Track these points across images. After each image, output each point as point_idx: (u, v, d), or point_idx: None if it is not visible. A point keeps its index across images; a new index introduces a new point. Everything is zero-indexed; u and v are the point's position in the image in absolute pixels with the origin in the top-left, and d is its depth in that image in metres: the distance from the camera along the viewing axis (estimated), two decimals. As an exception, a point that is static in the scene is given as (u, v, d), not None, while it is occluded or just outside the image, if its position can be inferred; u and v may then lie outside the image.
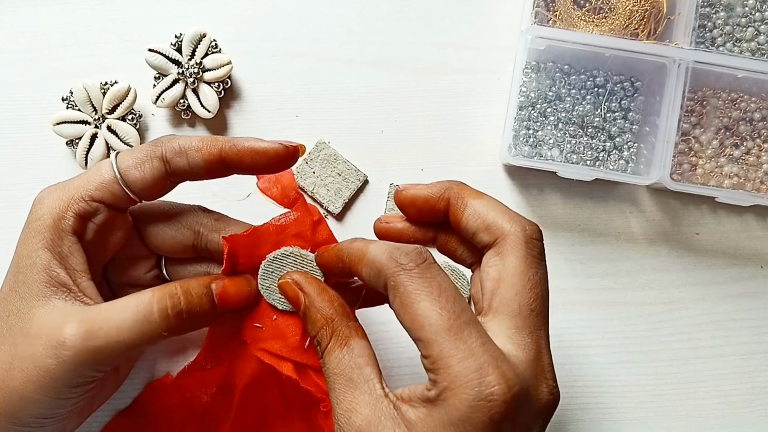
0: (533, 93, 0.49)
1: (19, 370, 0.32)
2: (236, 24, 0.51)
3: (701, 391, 0.49)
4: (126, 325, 0.33)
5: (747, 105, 0.49)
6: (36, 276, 0.34)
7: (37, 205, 0.35)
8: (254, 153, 0.35)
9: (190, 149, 0.35)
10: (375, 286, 0.33)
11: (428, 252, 0.32)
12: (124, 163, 0.35)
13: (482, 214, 0.33)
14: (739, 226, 0.51)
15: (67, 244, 0.34)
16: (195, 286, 0.35)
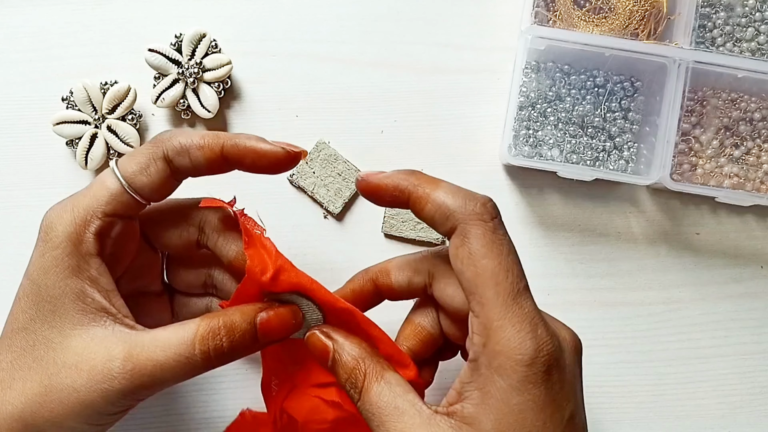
0: (533, 93, 0.49)
1: (57, 402, 0.32)
2: (236, 24, 0.51)
3: (701, 391, 0.49)
4: (169, 365, 0.32)
5: (747, 105, 0.49)
6: (68, 305, 0.33)
7: (49, 231, 0.34)
8: (255, 154, 0.35)
9: (191, 147, 0.34)
10: (436, 226, 0.32)
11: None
12: (127, 169, 0.34)
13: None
14: (739, 226, 0.50)
15: (95, 266, 0.34)
16: (239, 322, 0.34)
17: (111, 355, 0.32)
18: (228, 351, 0.33)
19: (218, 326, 0.33)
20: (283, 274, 0.35)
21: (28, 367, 0.33)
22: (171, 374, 0.32)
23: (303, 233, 0.49)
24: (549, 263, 0.50)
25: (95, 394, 0.32)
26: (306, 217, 0.50)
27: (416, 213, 0.34)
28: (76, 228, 0.33)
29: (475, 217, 0.31)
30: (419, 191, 0.33)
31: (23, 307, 0.34)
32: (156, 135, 0.36)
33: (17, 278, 0.49)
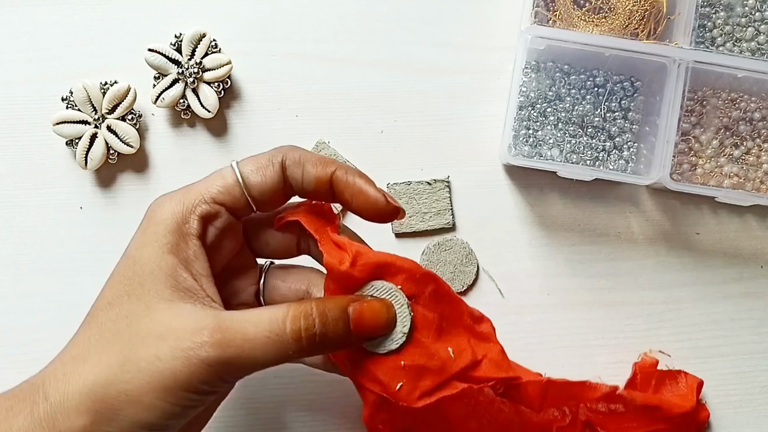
0: (533, 93, 0.49)
1: (136, 371, 0.30)
2: (236, 24, 0.51)
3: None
4: (259, 341, 0.31)
5: (747, 105, 0.49)
6: (160, 280, 0.32)
7: (156, 209, 0.34)
8: (359, 193, 0.35)
9: (307, 162, 0.35)
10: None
11: None
12: (245, 166, 0.35)
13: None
14: (739, 226, 0.50)
15: (193, 248, 0.33)
16: (332, 308, 0.33)
17: (200, 325, 0.31)
18: (320, 335, 0.32)
19: (311, 308, 0.32)
20: (360, 257, 0.35)
21: (107, 341, 0.31)
22: (261, 351, 0.31)
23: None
24: (549, 263, 0.50)
25: (179, 362, 0.30)
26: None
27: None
28: (183, 207, 0.33)
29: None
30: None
31: (113, 283, 0.33)
32: (282, 145, 0.36)
33: (17, 278, 0.49)
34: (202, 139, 0.50)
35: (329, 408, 0.49)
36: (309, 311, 0.32)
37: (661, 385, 0.47)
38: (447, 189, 0.49)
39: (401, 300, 0.35)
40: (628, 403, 0.45)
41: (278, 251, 0.38)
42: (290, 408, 0.48)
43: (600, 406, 0.45)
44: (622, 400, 0.45)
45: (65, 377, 0.31)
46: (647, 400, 0.45)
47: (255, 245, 0.38)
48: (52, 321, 0.49)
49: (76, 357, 0.32)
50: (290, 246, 0.38)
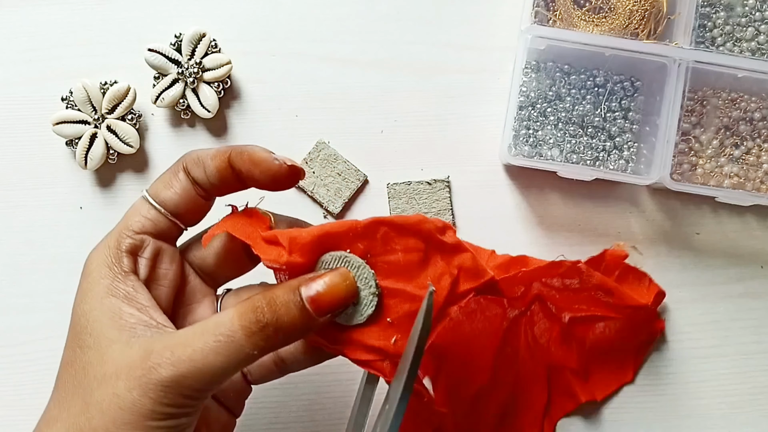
0: (533, 93, 0.49)
1: (99, 414, 0.30)
2: (236, 24, 0.51)
3: (701, 391, 0.49)
4: (209, 348, 0.30)
5: (747, 105, 0.49)
6: (105, 324, 0.32)
7: (87, 264, 0.34)
8: (253, 164, 0.34)
9: (206, 158, 0.35)
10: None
11: None
12: (153, 189, 0.35)
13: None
14: (739, 226, 0.50)
15: (130, 283, 0.33)
16: (280, 294, 0.31)
17: (149, 350, 0.30)
18: (273, 324, 0.31)
19: (257, 300, 0.31)
20: (295, 242, 0.33)
21: (71, 395, 0.32)
22: (214, 358, 0.30)
23: (303, 233, 0.49)
24: (549, 263, 0.50)
25: (136, 392, 0.29)
26: (306, 216, 0.49)
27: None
28: (109, 250, 0.34)
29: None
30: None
31: (67, 344, 0.33)
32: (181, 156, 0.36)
33: (17, 278, 0.49)
34: (202, 139, 0.50)
35: (329, 408, 0.49)
36: (256, 303, 0.31)
37: (623, 279, 0.46)
38: (447, 189, 0.49)
39: (356, 262, 0.34)
40: (585, 281, 0.45)
41: (229, 268, 0.37)
42: (290, 408, 0.48)
43: (555, 281, 0.46)
44: (579, 275, 0.45)
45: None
46: (603, 281, 0.44)
47: (206, 272, 0.37)
48: (52, 321, 0.49)
49: (49, 420, 0.32)
50: (239, 258, 0.37)
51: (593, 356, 0.47)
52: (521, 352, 0.47)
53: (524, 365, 0.47)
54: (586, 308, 0.46)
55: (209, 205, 0.36)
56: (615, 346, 0.47)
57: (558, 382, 0.47)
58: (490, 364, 0.46)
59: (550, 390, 0.47)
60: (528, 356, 0.47)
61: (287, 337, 0.31)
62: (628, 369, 0.48)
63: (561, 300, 0.47)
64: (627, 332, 0.47)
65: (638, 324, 0.47)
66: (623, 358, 0.48)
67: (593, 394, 0.48)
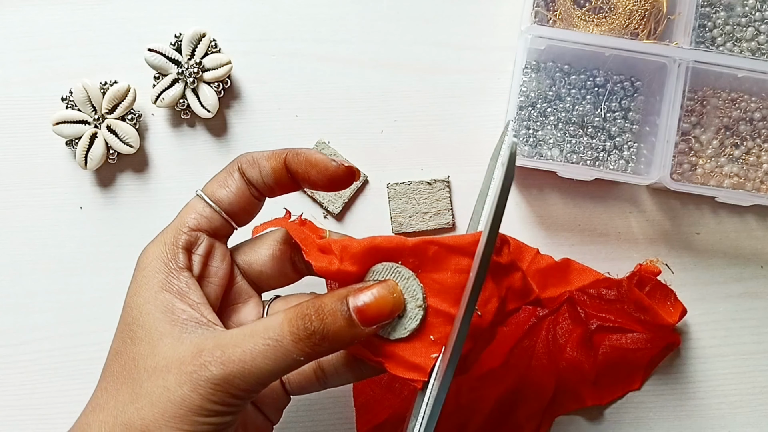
0: (533, 93, 0.49)
1: (149, 406, 0.31)
2: (236, 24, 0.51)
3: (701, 391, 0.49)
4: (258, 350, 0.31)
5: (747, 105, 0.49)
6: (158, 318, 0.33)
7: (142, 256, 0.35)
8: (310, 166, 0.35)
9: (261, 159, 0.36)
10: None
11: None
12: (209, 187, 0.36)
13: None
14: (739, 226, 0.50)
15: (184, 280, 0.34)
16: (328, 303, 0.32)
17: (200, 348, 0.31)
18: (320, 332, 0.31)
19: (306, 307, 0.32)
20: (346, 251, 0.34)
21: (120, 384, 0.32)
22: (262, 361, 0.31)
23: (303, 233, 0.49)
24: (549, 263, 0.50)
25: (186, 387, 0.30)
26: (306, 217, 0.50)
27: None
28: (165, 246, 0.34)
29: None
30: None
31: (117, 335, 0.34)
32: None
33: (17, 278, 0.49)
34: (202, 139, 0.50)
35: (329, 408, 0.49)
36: (305, 310, 0.32)
37: (651, 295, 0.47)
38: (447, 189, 0.49)
39: (405, 274, 0.33)
40: (622, 294, 0.46)
41: (273, 277, 0.38)
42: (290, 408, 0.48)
43: (592, 289, 0.47)
44: (618, 287, 0.46)
45: (89, 427, 0.32)
46: (640, 298, 0.46)
47: (250, 277, 0.38)
48: (52, 321, 0.49)
49: (96, 407, 0.33)
50: (284, 268, 0.38)
51: (605, 363, 0.48)
52: (538, 346, 0.48)
53: (538, 359, 0.47)
54: (614, 319, 0.47)
55: (260, 205, 0.38)
56: (629, 356, 0.48)
57: (566, 383, 0.47)
58: (505, 351, 0.47)
59: (556, 389, 0.47)
60: (543, 351, 0.48)
61: (333, 346, 0.32)
62: (636, 378, 0.48)
63: (592, 307, 0.47)
64: (643, 344, 0.48)
65: (656, 338, 0.47)
66: (634, 368, 0.48)
67: (600, 398, 0.48)
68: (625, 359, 0.48)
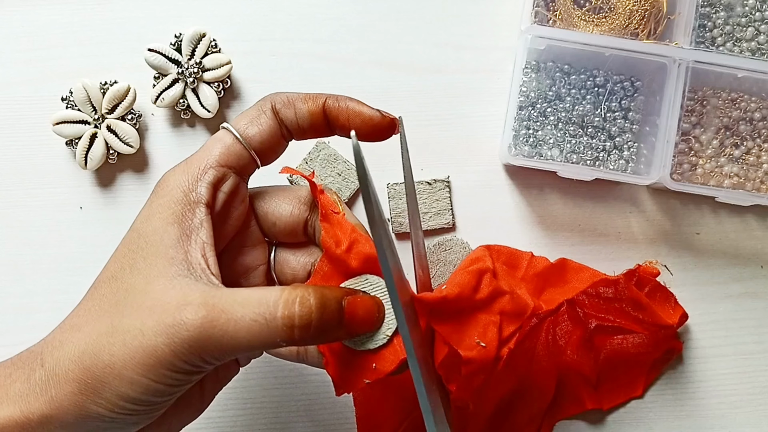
0: (533, 93, 0.49)
1: (121, 344, 0.30)
2: (236, 24, 0.51)
3: (701, 391, 0.49)
4: (245, 323, 0.29)
5: (747, 105, 0.49)
6: (161, 252, 0.31)
7: (162, 183, 0.34)
8: (354, 114, 0.35)
9: (297, 101, 0.35)
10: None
11: None
12: (239, 122, 0.35)
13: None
14: (739, 226, 0.50)
15: (199, 216, 0.33)
16: (330, 297, 0.31)
17: (186, 300, 0.30)
18: (315, 324, 0.30)
19: (307, 294, 0.30)
20: (356, 246, 0.34)
21: (104, 311, 0.31)
22: (245, 334, 0.29)
23: (303, 233, 0.49)
24: (549, 263, 0.50)
25: (161, 338, 0.29)
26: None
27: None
28: (189, 176, 0.33)
29: None
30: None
31: (117, 256, 0.33)
32: (267, 95, 0.36)
33: (17, 278, 0.49)
34: (202, 139, 0.50)
35: (329, 408, 0.49)
36: (306, 297, 0.30)
37: (651, 297, 0.47)
38: (447, 189, 0.49)
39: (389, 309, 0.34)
40: (619, 292, 0.46)
41: (284, 232, 0.37)
42: (290, 408, 0.48)
43: (590, 288, 0.47)
44: (615, 286, 0.46)
45: (61, 345, 0.31)
46: (637, 296, 0.46)
47: (262, 225, 0.38)
48: (52, 321, 0.49)
49: (74, 326, 0.32)
50: (297, 227, 0.37)
51: (607, 366, 0.48)
52: (539, 348, 0.47)
53: (538, 362, 0.47)
54: (613, 319, 0.47)
55: (286, 146, 0.37)
56: (630, 360, 0.48)
57: (566, 386, 0.47)
58: (505, 353, 0.46)
59: (557, 392, 0.47)
60: (544, 354, 0.47)
61: (317, 339, 0.31)
62: (638, 384, 0.48)
63: (590, 306, 0.47)
64: (645, 348, 0.47)
65: (657, 342, 0.47)
66: (636, 373, 0.48)
67: (600, 402, 0.48)
68: (626, 363, 0.48)
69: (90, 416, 0.30)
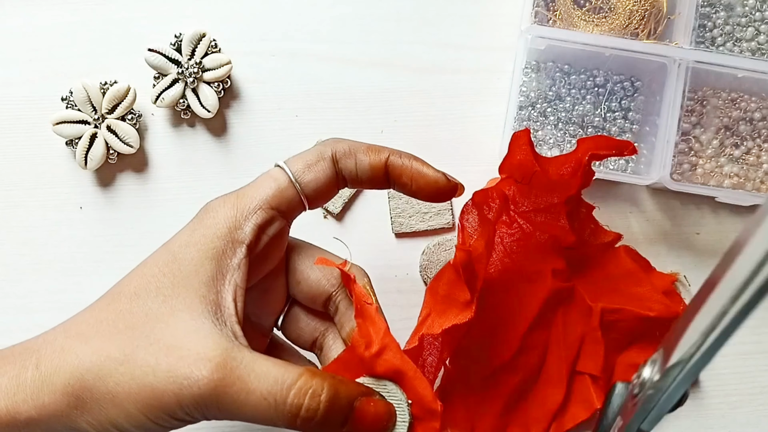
0: (533, 93, 0.49)
1: (130, 377, 0.29)
2: (236, 24, 0.51)
3: (701, 391, 0.49)
4: (255, 397, 0.29)
5: (747, 105, 0.49)
6: (194, 286, 0.31)
7: (209, 211, 0.33)
8: (418, 175, 0.35)
9: (359, 152, 0.34)
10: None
11: None
12: (295, 165, 0.34)
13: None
14: (739, 226, 0.50)
15: (239, 256, 0.32)
16: (342, 397, 0.30)
17: (206, 356, 0.29)
18: (319, 420, 0.30)
19: (320, 389, 0.30)
20: (387, 353, 0.33)
21: (118, 331, 0.30)
22: (252, 409, 0.29)
23: (303, 233, 0.49)
24: (549, 263, 0.50)
25: (171, 386, 0.29)
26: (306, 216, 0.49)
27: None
28: (237, 212, 0.32)
29: None
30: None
31: (146, 273, 0.32)
32: (325, 140, 0.36)
33: (16, 278, 0.49)
34: (202, 139, 0.50)
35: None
36: (317, 392, 0.30)
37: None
38: (447, 189, 0.49)
39: (405, 416, 0.33)
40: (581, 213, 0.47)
41: (305, 295, 0.37)
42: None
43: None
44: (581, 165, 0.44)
45: (63, 351, 0.30)
46: (634, 270, 0.47)
47: (291, 279, 0.37)
48: (52, 321, 0.49)
49: (81, 334, 0.31)
50: (319, 297, 0.37)
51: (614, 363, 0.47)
52: (551, 343, 0.47)
53: (549, 358, 0.47)
54: (619, 299, 0.46)
55: (336, 193, 0.36)
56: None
57: (577, 387, 0.47)
58: (515, 347, 0.46)
59: (568, 393, 0.46)
60: (554, 350, 0.47)
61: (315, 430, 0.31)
62: None
63: (595, 290, 0.47)
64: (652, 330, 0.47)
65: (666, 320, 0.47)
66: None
67: None
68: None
69: (77, 430, 0.30)
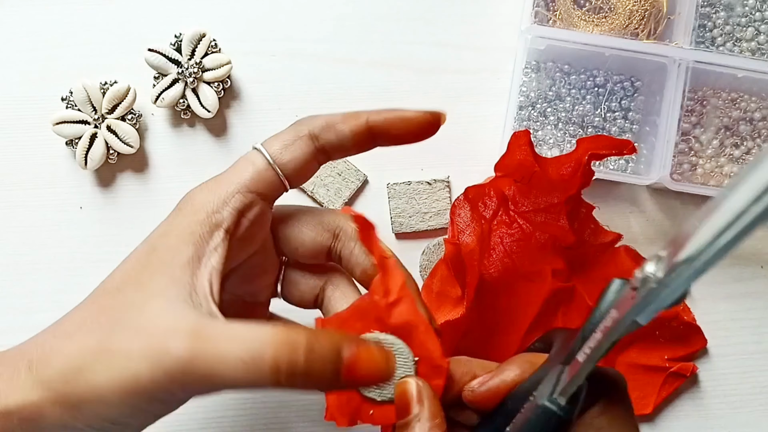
0: (533, 93, 0.49)
1: (106, 365, 0.28)
2: (236, 24, 0.51)
3: (701, 391, 0.49)
4: (230, 360, 0.27)
5: (747, 105, 0.49)
6: (169, 271, 0.30)
7: (187, 201, 0.33)
8: (402, 122, 0.34)
9: (336, 123, 0.34)
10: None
11: None
12: (272, 146, 0.34)
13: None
14: (739, 226, 0.50)
15: (216, 240, 0.31)
16: (323, 346, 0.28)
17: (176, 327, 0.28)
18: (302, 373, 0.28)
19: (297, 337, 0.28)
20: (402, 304, 0.33)
21: (99, 324, 0.30)
22: (230, 372, 0.27)
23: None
24: (549, 263, 0.50)
25: (144, 366, 0.28)
26: (306, 217, 0.50)
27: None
28: (215, 198, 0.32)
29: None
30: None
31: (126, 268, 0.32)
32: (299, 119, 0.35)
33: (16, 278, 0.49)
34: (202, 139, 0.50)
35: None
36: (295, 341, 0.28)
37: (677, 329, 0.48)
38: (447, 189, 0.49)
39: (408, 357, 0.33)
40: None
41: (306, 256, 0.36)
42: (290, 408, 0.49)
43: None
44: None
45: (51, 352, 0.30)
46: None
47: (284, 247, 0.37)
48: (52, 321, 0.49)
49: (66, 333, 0.31)
50: (319, 253, 0.36)
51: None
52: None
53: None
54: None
55: (317, 170, 0.36)
56: (644, 377, 0.47)
57: None
58: (515, 347, 0.46)
59: None
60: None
61: (307, 387, 0.29)
62: (649, 401, 0.47)
63: (595, 290, 0.47)
64: (661, 362, 0.47)
65: (676, 349, 0.48)
66: (648, 391, 0.47)
67: None
68: (639, 378, 0.47)
69: (67, 427, 0.30)
